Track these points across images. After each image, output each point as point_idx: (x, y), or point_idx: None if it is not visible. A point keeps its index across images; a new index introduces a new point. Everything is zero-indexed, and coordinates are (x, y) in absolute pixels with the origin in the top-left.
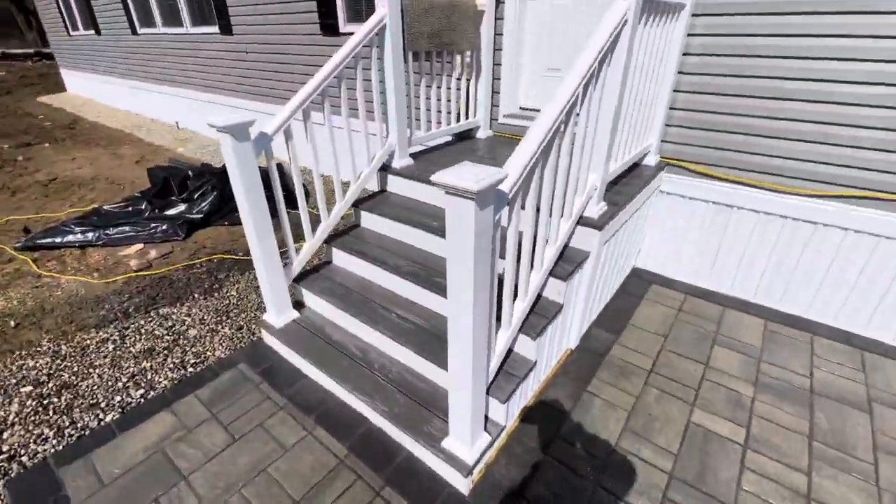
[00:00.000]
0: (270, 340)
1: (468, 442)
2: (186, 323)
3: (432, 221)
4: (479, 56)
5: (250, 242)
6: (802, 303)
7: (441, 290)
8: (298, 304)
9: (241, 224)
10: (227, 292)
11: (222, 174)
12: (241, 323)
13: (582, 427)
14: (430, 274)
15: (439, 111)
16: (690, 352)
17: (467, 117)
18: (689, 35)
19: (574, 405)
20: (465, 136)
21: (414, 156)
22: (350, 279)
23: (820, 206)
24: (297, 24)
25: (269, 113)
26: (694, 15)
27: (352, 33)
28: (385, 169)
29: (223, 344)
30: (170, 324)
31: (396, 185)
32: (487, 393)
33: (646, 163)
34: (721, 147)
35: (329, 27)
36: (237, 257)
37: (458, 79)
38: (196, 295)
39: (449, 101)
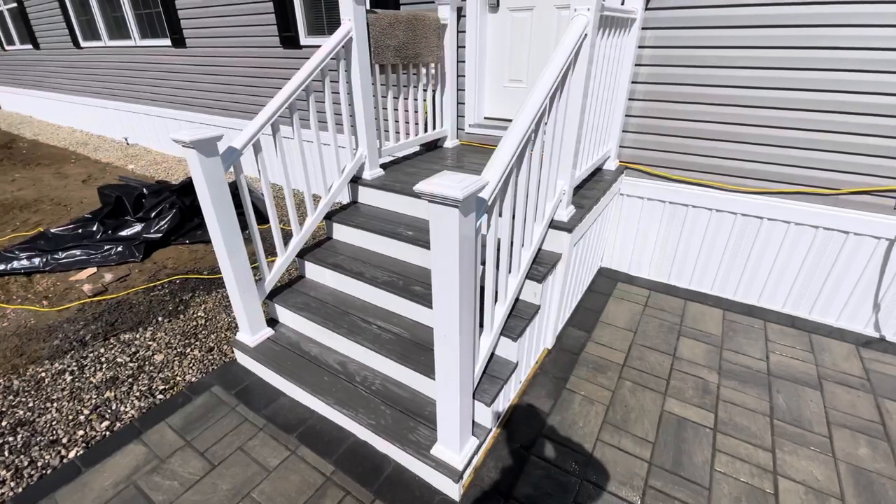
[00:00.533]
0: (245, 360)
1: (457, 448)
2: (151, 348)
3: (406, 231)
4: (444, 68)
5: (220, 260)
6: (755, 292)
7: (419, 298)
8: (272, 322)
9: (203, 242)
10: (193, 313)
11: (181, 191)
12: (212, 344)
13: (563, 423)
14: (408, 283)
15: (407, 122)
16: (658, 344)
17: (434, 127)
18: (639, 47)
19: (554, 403)
20: (433, 145)
21: (384, 166)
22: (325, 293)
23: (764, 202)
24: (254, 36)
25: (227, 126)
26: (644, 28)
27: (313, 46)
28: (356, 181)
29: (193, 367)
30: (133, 350)
31: (368, 196)
32: (473, 397)
33: (606, 167)
34: (674, 150)
35: (289, 40)
36: (202, 276)
37: (425, 90)
38: (160, 318)
39: (416, 112)
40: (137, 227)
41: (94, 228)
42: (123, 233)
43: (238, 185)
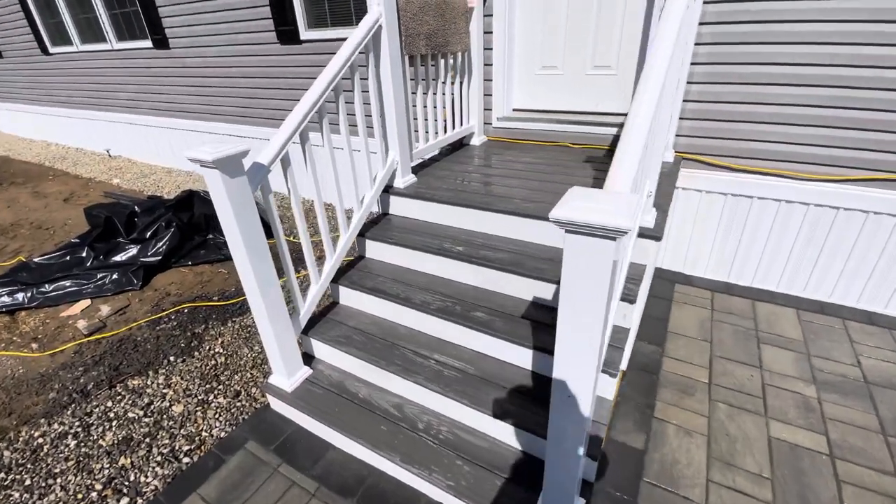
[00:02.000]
0: (281, 407)
1: None
2: (167, 397)
3: (455, 246)
4: (470, 57)
5: (251, 296)
6: (827, 288)
7: (482, 326)
8: (307, 357)
9: (208, 262)
10: (210, 349)
11: (177, 206)
12: (237, 388)
13: (665, 464)
14: (466, 308)
15: (436, 120)
16: (740, 355)
17: (461, 123)
18: (700, 24)
19: (647, 438)
20: (458, 144)
21: (413, 171)
22: (366, 322)
23: (841, 190)
24: (247, 32)
25: (220, 133)
26: (705, 3)
27: (316, 41)
28: (387, 190)
29: (220, 418)
30: (145, 401)
31: (401, 206)
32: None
33: (665, 159)
34: (736, 137)
35: (287, 35)
36: (213, 303)
37: (452, 83)
38: (171, 358)
39: (444, 107)
40: (133, 251)
41: (84, 254)
42: (117, 258)
43: (266, 208)
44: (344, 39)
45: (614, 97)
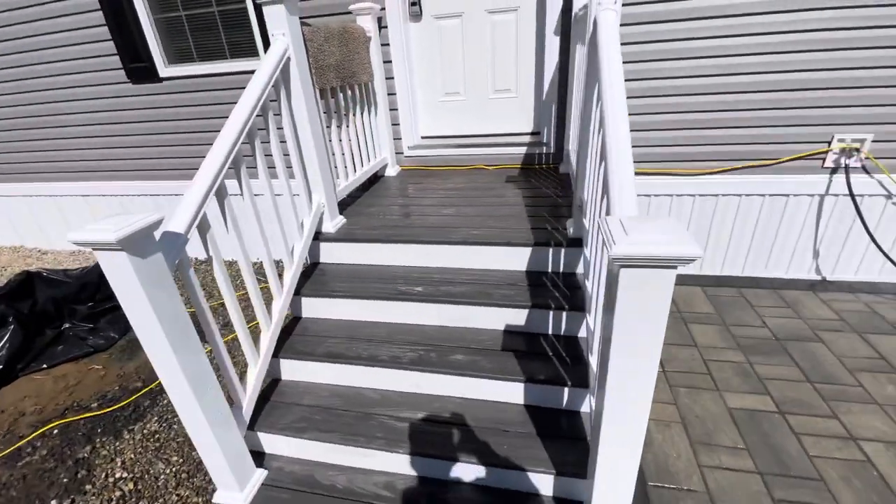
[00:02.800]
0: None
1: None
2: None
3: (412, 287)
4: (374, 86)
5: (181, 403)
6: (717, 264)
7: (467, 369)
8: (256, 455)
9: (72, 360)
10: (107, 477)
11: (12, 295)
12: None
13: (659, 460)
14: (442, 353)
15: (352, 154)
16: (676, 338)
17: (376, 156)
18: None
19: None
20: (373, 178)
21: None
22: (324, 396)
23: (718, 180)
24: (89, 72)
25: (65, 194)
26: None
27: (179, 77)
28: (315, 237)
29: None
30: None
31: (335, 252)
32: None
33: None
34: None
35: (141, 72)
36: (92, 413)
37: (362, 114)
38: (53, 503)
39: (359, 141)
40: None
41: None
42: None
43: (187, 285)
44: (218, 75)
45: (518, 118)
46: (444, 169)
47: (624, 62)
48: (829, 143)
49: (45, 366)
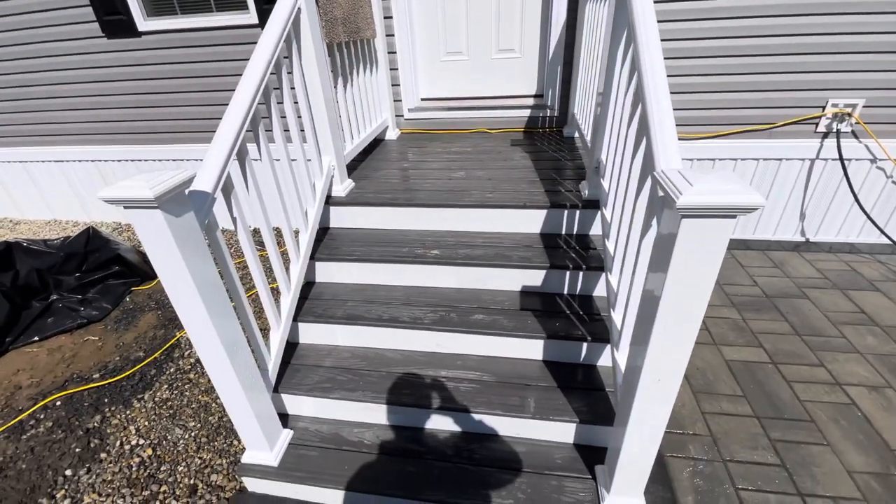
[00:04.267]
0: (267, 486)
1: (641, 489)
2: None
3: (429, 250)
4: (375, 44)
5: (214, 366)
6: None
7: (486, 328)
8: (280, 417)
9: (66, 332)
10: (123, 444)
11: None
12: (189, 482)
13: None
14: (462, 314)
15: (356, 115)
16: None
17: (376, 118)
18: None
19: None
20: (374, 142)
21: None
22: (346, 357)
23: (715, 145)
24: (52, 26)
25: (8, 161)
26: None
27: (161, 32)
28: (325, 201)
29: None
30: None
31: (346, 217)
32: None
33: None
34: None
35: (117, 26)
36: (97, 384)
37: (365, 73)
38: (68, 472)
39: (362, 102)
40: None
41: None
42: None
43: (214, 247)
44: (203, 30)
45: (522, 80)
46: (445, 132)
47: None
48: (824, 107)
49: (36, 338)
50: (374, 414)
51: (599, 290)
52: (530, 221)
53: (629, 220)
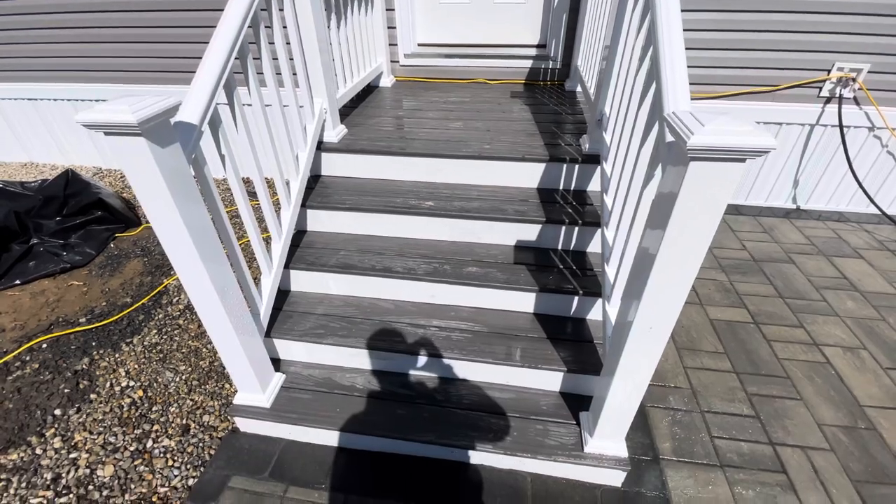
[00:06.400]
0: (259, 427)
1: (622, 433)
2: (81, 461)
3: (422, 201)
4: None
5: (205, 308)
6: None
7: (482, 280)
8: (272, 361)
9: (49, 276)
10: (113, 386)
11: None
12: (182, 421)
13: None
14: (455, 266)
15: (349, 57)
16: None
17: (370, 63)
18: None
19: None
20: (366, 88)
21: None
22: (339, 305)
23: (715, 106)
24: None
25: None
26: None
27: None
28: (318, 147)
29: (176, 464)
30: (48, 476)
31: (339, 164)
32: None
33: None
34: None
35: None
36: (83, 328)
37: (359, 12)
38: (57, 412)
39: (356, 44)
40: None
41: None
42: None
43: (203, 185)
44: None
45: (524, 28)
46: (442, 81)
47: None
48: (829, 71)
49: (18, 282)
50: (366, 360)
51: (593, 247)
52: (528, 175)
53: (631, 172)
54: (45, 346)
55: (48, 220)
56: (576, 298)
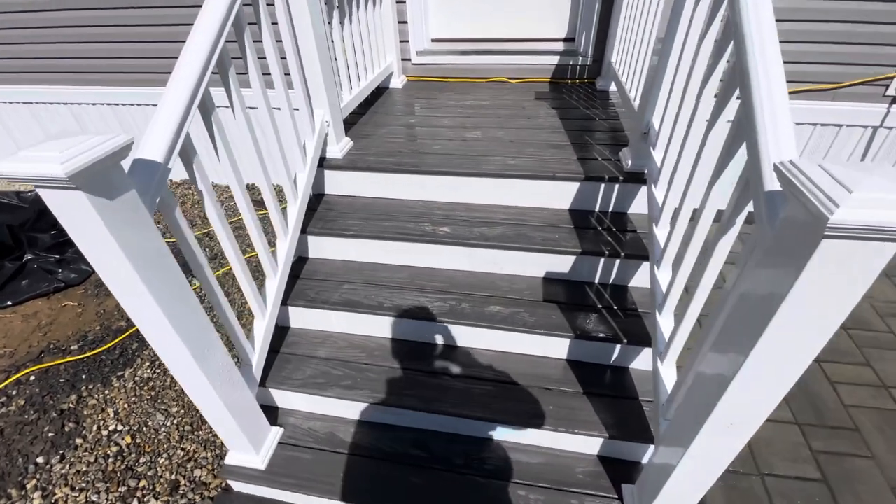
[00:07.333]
0: (253, 489)
1: None
2: None
3: (437, 227)
4: None
5: (181, 372)
6: None
7: (504, 322)
8: (268, 411)
9: (42, 296)
10: (100, 430)
11: None
12: (171, 477)
13: None
14: (476, 304)
15: (355, 59)
16: None
17: (380, 63)
18: None
19: None
20: (376, 90)
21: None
22: (342, 347)
23: None
24: None
25: None
26: None
27: None
28: (320, 163)
29: None
30: None
31: (344, 183)
32: None
33: None
34: None
35: None
36: (74, 357)
37: (366, 7)
38: (40, 460)
39: (362, 43)
40: None
41: None
42: None
43: (175, 233)
44: None
45: (550, 19)
46: (458, 81)
47: None
48: None
49: (9, 303)
50: (375, 414)
51: (636, 281)
52: (559, 195)
53: (692, 210)
54: (32, 378)
55: (43, 234)
56: (618, 347)
